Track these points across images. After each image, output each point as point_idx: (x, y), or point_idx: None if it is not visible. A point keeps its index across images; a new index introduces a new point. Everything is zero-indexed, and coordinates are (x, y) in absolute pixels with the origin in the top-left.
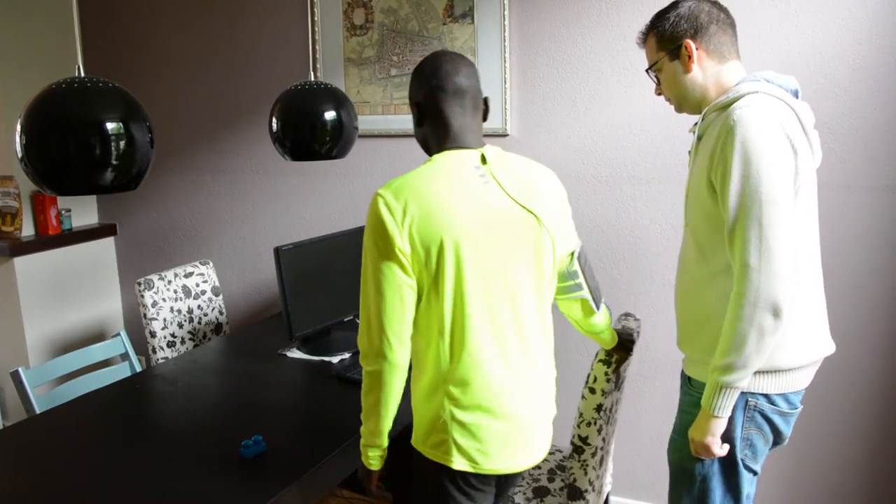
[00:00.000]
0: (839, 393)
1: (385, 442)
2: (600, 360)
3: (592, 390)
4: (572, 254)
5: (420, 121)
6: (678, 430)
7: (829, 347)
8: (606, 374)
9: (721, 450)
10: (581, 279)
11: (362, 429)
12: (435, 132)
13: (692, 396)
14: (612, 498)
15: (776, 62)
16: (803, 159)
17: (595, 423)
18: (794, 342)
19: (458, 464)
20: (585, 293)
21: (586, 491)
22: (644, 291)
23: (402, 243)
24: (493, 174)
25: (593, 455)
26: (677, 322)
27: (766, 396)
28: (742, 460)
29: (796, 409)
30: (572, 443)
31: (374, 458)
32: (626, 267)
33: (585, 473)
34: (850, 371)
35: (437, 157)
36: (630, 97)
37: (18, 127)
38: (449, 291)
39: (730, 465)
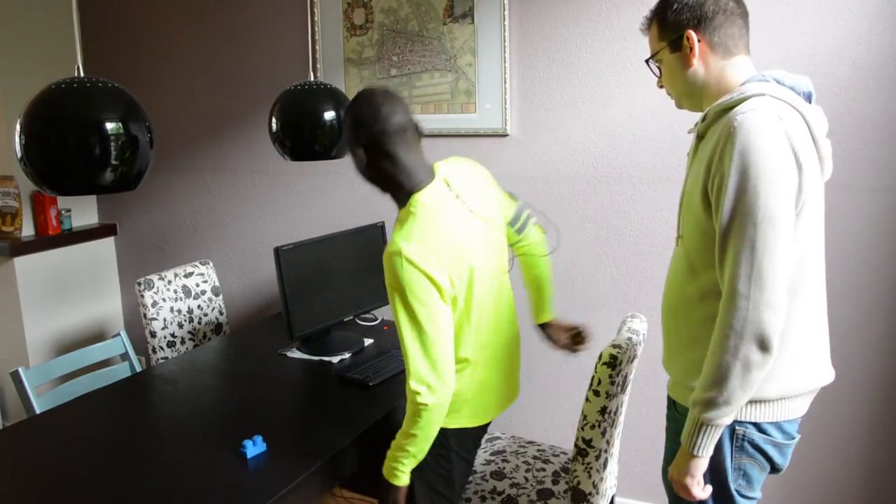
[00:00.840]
0: (840, 393)
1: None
2: (604, 363)
3: (596, 393)
4: (510, 194)
5: (368, 163)
6: (668, 459)
7: (826, 377)
8: (611, 376)
9: (703, 492)
10: (529, 208)
11: (402, 451)
12: (387, 176)
13: (678, 424)
14: (616, 499)
15: (776, 62)
16: (809, 175)
17: (599, 426)
18: (785, 372)
19: (467, 422)
20: (536, 218)
21: (590, 494)
22: (644, 291)
23: (444, 283)
24: (459, 196)
25: (597, 458)
26: (663, 340)
27: (756, 425)
28: (737, 491)
29: (793, 439)
30: (576, 445)
31: (406, 475)
32: (625, 267)
33: (589, 476)
34: (851, 371)
35: (418, 199)
36: (630, 97)
37: (18, 127)
38: (475, 303)
39: (725, 497)
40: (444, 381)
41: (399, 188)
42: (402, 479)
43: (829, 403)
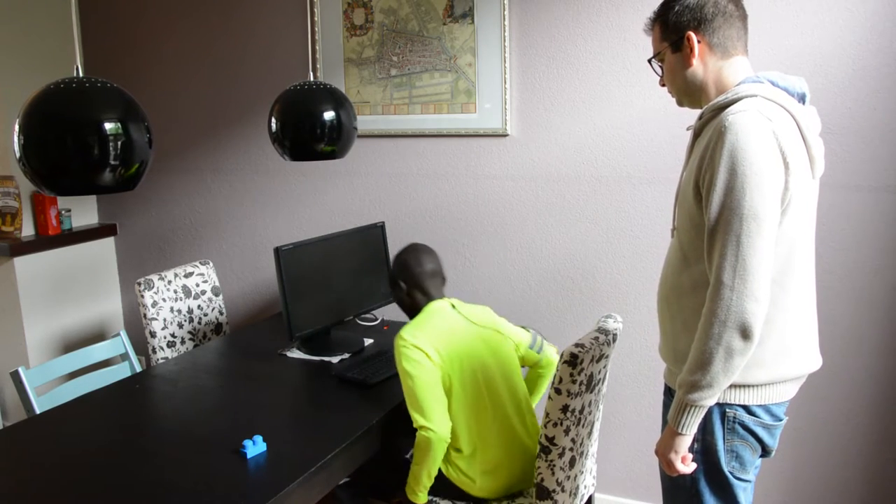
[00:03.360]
0: (840, 392)
1: None
2: (565, 362)
3: (558, 391)
4: (523, 326)
5: (407, 292)
6: None
7: (813, 364)
8: (571, 374)
9: (686, 467)
10: (540, 334)
11: (416, 478)
12: (416, 302)
13: None
14: (613, 498)
15: (776, 62)
16: (796, 173)
17: (561, 424)
18: (774, 360)
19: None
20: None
21: (554, 491)
22: (644, 291)
23: (433, 355)
24: (461, 313)
25: (560, 455)
26: (659, 329)
27: (745, 408)
28: (731, 472)
29: (780, 420)
30: (540, 443)
31: (424, 494)
32: (626, 267)
33: (553, 473)
34: (851, 370)
35: (428, 306)
36: (630, 97)
37: (16, 127)
38: (471, 395)
39: (720, 478)
40: (444, 433)
41: (419, 308)
42: (421, 497)
43: (830, 402)
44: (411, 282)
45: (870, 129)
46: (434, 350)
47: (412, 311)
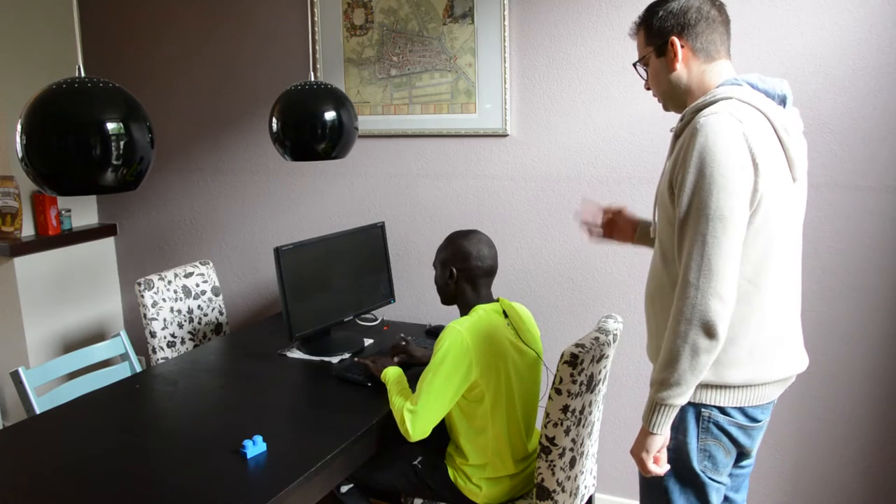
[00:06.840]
0: (841, 393)
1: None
2: (565, 362)
3: (558, 391)
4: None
5: (456, 281)
6: None
7: (794, 367)
8: (572, 375)
9: (659, 468)
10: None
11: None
12: (464, 294)
13: None
14: (613, 498)
15: (776, 62)
16: (767, 175)
17: (562, 424)
18: (748, 360)
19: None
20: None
21: (554, 491)
22: (643, 291)
23: (474, 372)
24: (511, 325)
25: (561, 456)
26: (647, 329)
27: (720, 409)
28: (702, 472)
29: (758, 422)
30: (540, 443)
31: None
32: (625, 267)
33: (553, 474)
34: (851, 371)
35: (479, 308)
36: (630, 97)
37: (19, 127)
38: (499, 416)
39: (691, 478)
40: (421, 431)
41: (467, 304)
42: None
43: (829, 402)
44: (465, 274)
45: (870, 129)
46: (478, 365)
47: (453, 300)
